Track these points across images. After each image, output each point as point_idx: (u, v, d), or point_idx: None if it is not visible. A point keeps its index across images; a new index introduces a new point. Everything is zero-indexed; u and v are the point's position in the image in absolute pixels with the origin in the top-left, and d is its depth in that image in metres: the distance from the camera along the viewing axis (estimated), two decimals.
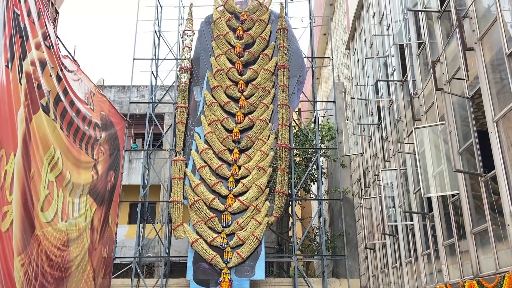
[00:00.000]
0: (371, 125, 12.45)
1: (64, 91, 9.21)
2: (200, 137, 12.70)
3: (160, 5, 14.55)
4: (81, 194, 9.76)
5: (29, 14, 8.19)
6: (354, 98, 14.05)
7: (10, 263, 7.12)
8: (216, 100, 13.01)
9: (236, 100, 13.06)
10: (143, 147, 14.45)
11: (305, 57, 14.00)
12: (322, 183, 14.03)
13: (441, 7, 7.93)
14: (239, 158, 12.28)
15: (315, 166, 13.73)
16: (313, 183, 15.57)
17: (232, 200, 11.77)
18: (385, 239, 11.15)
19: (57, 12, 10.98)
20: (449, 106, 7.44)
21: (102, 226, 10.92)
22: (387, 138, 10.80)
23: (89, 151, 10.25)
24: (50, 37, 8.81)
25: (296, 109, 14.38)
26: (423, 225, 9.01)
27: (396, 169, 9.95)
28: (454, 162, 6.97)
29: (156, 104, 13.99)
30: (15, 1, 7.73)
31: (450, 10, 7.46)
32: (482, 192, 6.56)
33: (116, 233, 12.34)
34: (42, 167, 8.32)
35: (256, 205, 11.68)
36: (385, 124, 10.96)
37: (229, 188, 11.94)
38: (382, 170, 10.38)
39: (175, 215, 11.85)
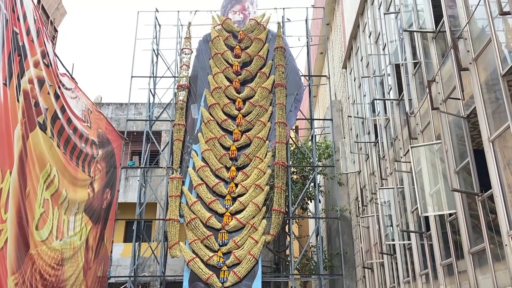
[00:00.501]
0: (368, 144, 12.49)
1: (62, 108, 9.23)
2: (197, 155, 12.69)
3: (159, 24, 14.70)
4: (76, 212, 9.69)
5: (28, 32, 8.25)
6: (351, 116, 14.12)
7: (4, 282, 7.02)
8: (213, 117, 13.05)
9: (233, 118, 13.11)
10: (140, 165, 14.42)
11: (302, 75, 14.10)
12: (320, 201, 13.98)
13: (436, 28, 8.04)
14: (236, 176, 12.25)
15: (312, 184, 13.72)
16: (311, 201, 15.51)
17: (229, 218, 11.70)
18: (383, 259, 11.08)
19: (56, 30, 11.08)
20: (445, 125, 7.48)
21: (97, 244, 10.81)
22: (384, 157, 10.82)
23: (86, 168, 10.22)
24: (48, 55, 8.87)
25: (293, 127, 14.41)
26: (420, 245, 8.96)
27: (393, 188, 9.94)
28: (451, 181, 6.97)
29: (153, 121, 14.02)
30: (14, 20, 7.79)
31: (445, 31, 7.57)
32: (480, 211, 6.55)
33: (111, 251, 12.20)
34: (37, 185, 8.28)
35: (253, 224, 11.61)
36: (382, 142, 11.00)
37: (226, 206, 11.89)
38: (379, 189, 10.38)
39: (171, 234, 11.75)
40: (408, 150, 8.35)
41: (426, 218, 8.42)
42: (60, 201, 9.03)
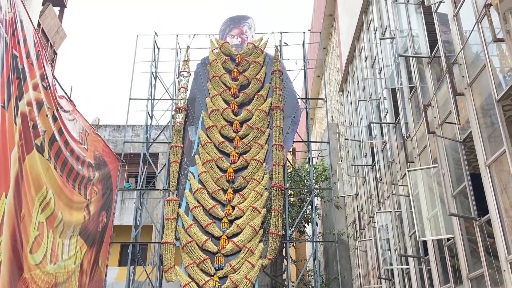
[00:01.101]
0: (365, 166, 12.51)
1: (59, 131, 9.23)
2: (194, 177, 12.65)
3: (158, 47, 14.85)
4: (71, 235, 9.58)
5: (28, 56, 8.32)
6: (348, 139, 14.18)
7: None
8: (210, 139, 13.08)
9: (230, 140, 13.13)
10: (136, 187, 14.34)
11: (299, 98, 14.20)
12: (317, 224, 13.91)
13: (431, 53, 8.17)
14: (233, 198, 12.19)
15: (309, 207, 13.65)
16: (308, 224, 15.43)
17: (225, 242, 11.59)
18: (381, 283, 10.96)
19: (55, 53, 11.19)
20: (441, 149, 7.52)
21: (92, 268, 10.66)
22: (381, 180, 10.83)
23: (82, 191, 10.16)
24: (47, 78, 8.91)
25: (291, 149, 14.43)
26: (419, 269, 8.89)
27: (391, 211, 9.92)
28: (448, 205, 6.97)
29: (150, 143, 14.02)
30: (14, 44, 7.86)
31: (440, 56, 7.69)
32: (477, 236, 6.53)
33: (105, 275, 12.02)
34: (33, 207, 8.20)
35: (250, 247, 11.49)
36: (379, 165, 11.02)
37: (223, 229, 11.79)
38: (376, 212, 10.35)
39: (166, 257, 11.60)
40: (405, 174, 8.37)
41: (424, 242, 8.38)
42: (55, 224, 8.93)
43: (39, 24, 12.50)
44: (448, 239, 7.46)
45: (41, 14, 12.38)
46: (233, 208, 12.05)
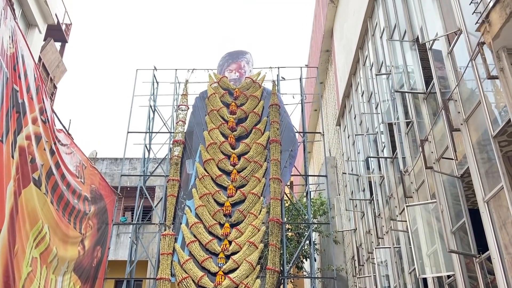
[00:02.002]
0: (363, 201, 12.44)
1: (56, 164, 9.21)
2: (191, 211, 12.54)
3: (157, 81, 15.02)
4: (65, 271, 9.40)
5: (28, 90, 8.39)
6: (345, 173, 14.16)
7: None
8: (208, 173, 13.04)
9: (228, 174, 13.10)
10: (132, 221, 14.18)
11: (296, 132, 14.27)
12: (315, 260, 13.69)
13: (426, 89, 8.27)
14: (230, 233, 12.04)
15: (307, 242, 13.48)
16: (306, 260, 15.19)
17: (221, 278, 11.36)
18: None
19: (55, 87, 11.29)
20: (439, 184, 7.50)
21: None
22: (379, 215, 10.75)
23: (77, 225, 10.03)
24: (46, 112, 8.97)
25: (288, 183, 14.38)
26: None
27: (390, 247, 9.79)
28: (447, 242, 6.89)
29: (147, 176, 13.96)
30: (15, 78, 7.95)
31: (435, 92, 7.79)
32: (478, 273, 6.43)
33: None
34: (27, 243, 8.08)
35: (247, 283, 11.27)
36: (377, 200, 10.97)
37: (219, 265, 11.58)
38: (375, 248, 10.21)
39: None
40: (404, 209, 8.32)
41: (425, 279, 8.24)
42: (49, 259, 8.77)
43: (40, 59, 12.69)
44: (449, 276, 7.34)
45: (42, 49, 12.58)
46: (230, 242, 11.89)
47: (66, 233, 9.41)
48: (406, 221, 8.16)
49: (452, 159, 6.92)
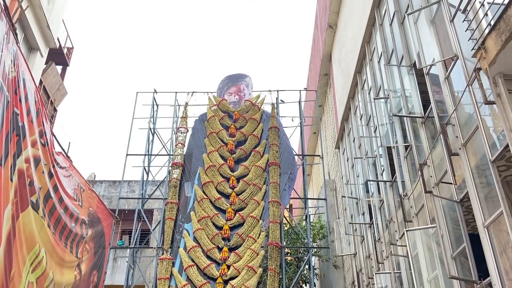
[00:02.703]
0: (363, 225, 12.36)
1: (55, 187, 9.17)
2: (189, 234, 12.42)
3: (157, 104, 15.09)
4: None
5: (28, 113, 8.43)
6: (345, 197, 14.10)
7: None
8: (207, 196, 12.97)
9: (227, 196, 13.03)
10: (129, 244, 14.01)
11: (296, 154, 14.27)
12: (315, 285, 13.50)
13: (424, 113, 8.32)
14: (228, 257, 11.91)
15: (307, 266, 13.33)
16: (305, 285, 14.98)
17: None
18: None
19: (55, 110, 11.35)
20: (439, 209, 7.47)
21: None
22: (379, 239, 10.66)
23: (74, 249, 9.93)
24: (46, 135, 8.98)
25: (287, 206, 14.31)
26: None
27: (390, 273, 9.68)
28: (448, 268, 6.82)
29: (146, 199, 13.88)
30: (16, 102, 7.99)
31: (433, 116, 7.83)
32: None
33: None
34: (23, 267, 7.98)
35: None
36: (377, 224, 10.89)
37: None
38: (375, 273, 10.09)
39: None
40: (404, 233, 8.26)
41: None
42: (45, 284, 8.64)
43: (41, 82, 12.80)
44: None
45: (43, 72, 12.71)
46: (229, 267, 11.75)
47: (62, 257, 9.31)
48: (406, 245, 8.09)
49: (451, 183, 6.91)
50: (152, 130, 14.60)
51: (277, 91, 14.96)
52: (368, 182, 11.39)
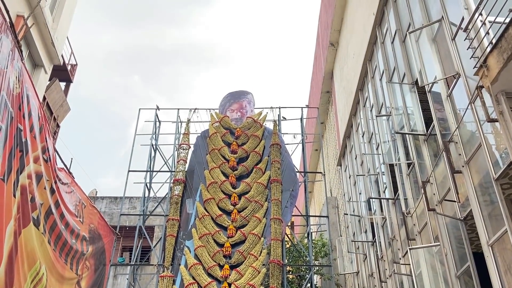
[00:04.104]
0: (366, 243, 12.25)
1: (56, 203, 9.14)
2: (190, 251, 12.32)
3: (159, 121, 15.16)
4: None
5: (31, 129, 8.45)
6: (347, 214, 14.02)
7: None
8: (208, 212, 12.91)
9: (228, 213, 12.97)
10: (130, 261, 13.90)
11: (297, 171, 14.25)
12: None
13: (427, 130, 8.31)
14: (229, 275, 11.78)
15: (308, 285, 13.16)
16: None
17: None
18: None
19: (58, 126, 11.41)
20: (442, 227, 7.41)
21: None
22: (382, 257, 10.56)
23: (74, 266, 9.84)
24: (48, 151, 8.99)
25: (289, 224, 14.22)
26: None
27: None
28: (452, 287, 6.74)
29: (147, 216, 13.82)
30: (20, 118, 8.02)
31: (436, 134, 7.82)
32: None
33: None
34: (24, 284, 7.89)
35: None
36: (380, 242, 10.80)
37: None
38: None
39: None
40: (407, 252, 8.18)
41: None
42: None
43: (44, 98, 12.88)
44: None
45: (47, 88, 12.80)
46: (230, 285, 11.61)
47: (62, 274, 9.22)
48: (409, 264, 8.01)
49: (455, 201, 6.86)
50: (154, 146, 14.63)
51: (279, 108, 15.03)
52: (371, 199, 11.33)
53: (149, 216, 14.25)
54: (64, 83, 15.37)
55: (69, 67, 15.35)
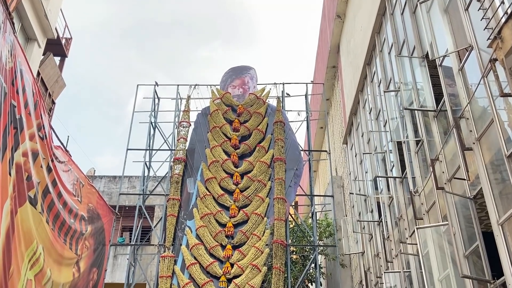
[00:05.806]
0: (371, 223, 12.03)
1: (53, 182, 8.94)
2: (192, 232, 12.16)
3: (158, 97, 14.80)
4: None
5: (26, 105, 8.19)
6: (352, 193, 13.78)
7: None
8: (210, 192, 12.70)
9: (230, 193, 12.75)
10: (130, 241, 13.78)
11: (302, 150, 13.95)
12: (321, 284, 13.19)
13: (437, 106, 7.99)
14: (232, 255, 11.63)
15: (313, 265, 13.02)
16: (311, 284, 14.68)
17: None
18: None
19: (53, 103, 11.14)
20: (451, 206, 7.15)
21: None
22: (388, 237, 10.35)
23: (73, 246, 9.70)
24: (44, 128, 8.74)
25: (293, 203, 14.00)
26: None
27: (400, 272, 9.37)
28: (460, 267, 6.52)
29: (147, 195, 13.60)
30: (13, 93, 7.75)
31: (446, 110, 7.50)
32: None
33: None
34: (22, 264, 7.76)
35: None
36: (386, 221, 10.58)
37: None
38: (384, 272, 9.79)
39: None
40: (414, 231, 7.96)
41: None
42: (43, 281, 8.42)
43: (38, 73, 12.53)
44: None
45: (41, 63, 12.44)
46: (232, 265, 11.47)
47: (61, 254, 9.08)
48: (416, 244, 7.80)
49: (464, 179, 6.61)
50: (153, 124, 14.34)
51: (283, 84, 14.62)
52: (377, 178, 11.04)
53: (149, 196, 14.06)
54: (59, 58, 14.96)
55: (63, 41, 14.92)
